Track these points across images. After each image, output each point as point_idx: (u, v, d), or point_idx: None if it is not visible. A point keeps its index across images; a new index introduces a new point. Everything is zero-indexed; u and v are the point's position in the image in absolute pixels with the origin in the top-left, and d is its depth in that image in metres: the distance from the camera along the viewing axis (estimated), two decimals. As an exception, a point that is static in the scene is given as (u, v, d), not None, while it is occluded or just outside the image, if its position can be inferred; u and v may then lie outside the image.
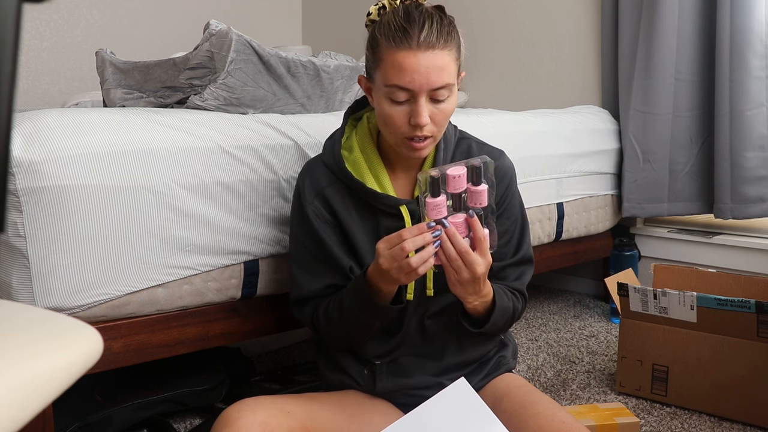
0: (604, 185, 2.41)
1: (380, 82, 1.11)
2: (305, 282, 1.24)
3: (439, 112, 1.11)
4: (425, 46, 1.07)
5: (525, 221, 1.30)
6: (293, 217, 1.28)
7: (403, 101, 1.10)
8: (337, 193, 1.22)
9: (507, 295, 1.21)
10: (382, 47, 1.10)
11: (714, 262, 2.37)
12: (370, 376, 1.23)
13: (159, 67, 1.55)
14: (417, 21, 1.08)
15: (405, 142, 1.13)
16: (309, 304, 1.25)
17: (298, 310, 1.27)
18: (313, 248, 1.23)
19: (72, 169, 1.16)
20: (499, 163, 1.26)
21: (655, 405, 1.70)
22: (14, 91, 0.51)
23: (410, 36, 1.06)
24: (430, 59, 1.07)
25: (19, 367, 0.53)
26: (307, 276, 1.24)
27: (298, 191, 1.26)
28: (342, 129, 1.26)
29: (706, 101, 2.31)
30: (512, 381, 1.25)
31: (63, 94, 3.02)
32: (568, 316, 2.45)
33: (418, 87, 1.08)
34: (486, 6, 3.00)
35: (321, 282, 1.23)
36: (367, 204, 1.22)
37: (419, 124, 1.09)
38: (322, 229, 1.22)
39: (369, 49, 1.15)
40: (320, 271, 1.23)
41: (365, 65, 1.19)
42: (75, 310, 1.20)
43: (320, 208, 1.22)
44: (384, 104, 1.12)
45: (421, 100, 1.09)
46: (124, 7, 3.24)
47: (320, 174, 1.24)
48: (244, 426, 1.01)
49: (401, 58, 1.07)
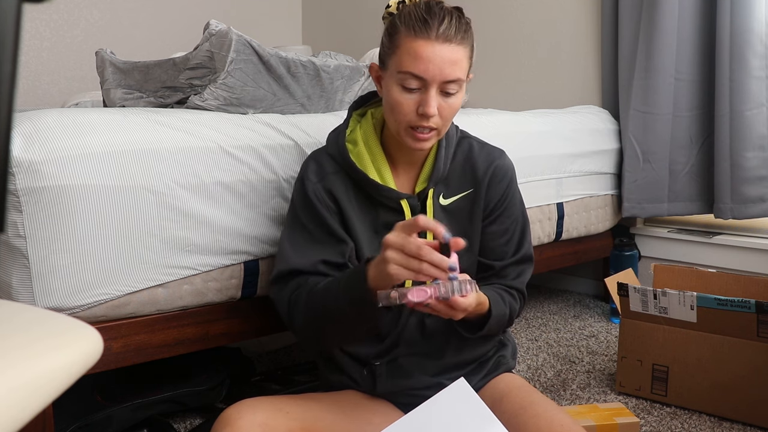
0: (604, 185, 2.41)
1: (394, 68, 1.13)
2: (294, 256, 1.19)
3: (447, 105, 1.13)
4: (443, 38, 1.09)
5: (525, 220, 1.30)
6: (293, 199, 1.26)
7: (414, 89, 1.12)
8: (340, 181, 1.22)
9: (504, 300, 1.21)
10: (401, 34, 1.12)
11: (714, 262, 2.37)
12: (370, 376, 1.23)
13: (159, 67, 1.55)
14: (437, 14, 1.11)
15: (409, 131, 1.14)
16: (294, 280, 1.19)
17: (280, 286, 1.20)
18: (310, 226, 1.21)
19: (72, 169, 1.16)
20: (500, 162, 1.27)
21: (655, 405, 1.70)
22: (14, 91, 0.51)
23: (430, 27, 1.09)
24: (446, 52, 1.10)
25: (19, 367, 0.53)
26: (298, 251, 1.20)
27: (302, 175, 1.25)
28: (346, 122, 1.27)
29: (706, 101, 2.31)
30: (511, 381, 1.25)
31: (63, 94, 3.02)
32: (568, 316, 2.45)
33: (431, 77, 1.10)
34: (486, 6, 3.00)
35: (313, 257, 1.18)
36: (368, 196, 1.22)
37: (427, 114, 1.11)
38: (323, 208, 1.21)
39: (386, 36, 1.17)
40: (314, 249, 1.19)
41: (379, 52, 1.20)
42: (75, 310, 1.20)
43: (323, 191, 1.22)
44: (395, 90, 1.13)
45: (431, 91, 1.11)
46: (124, 7, 3.24)
47: (325, 162, 1.25)
48: (244, 426, 1.01)
49: (418, 46, 1.10)
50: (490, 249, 1.27)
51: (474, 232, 1.25)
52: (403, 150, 1.22)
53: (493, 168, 1.26)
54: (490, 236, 1.26)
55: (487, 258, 1.27)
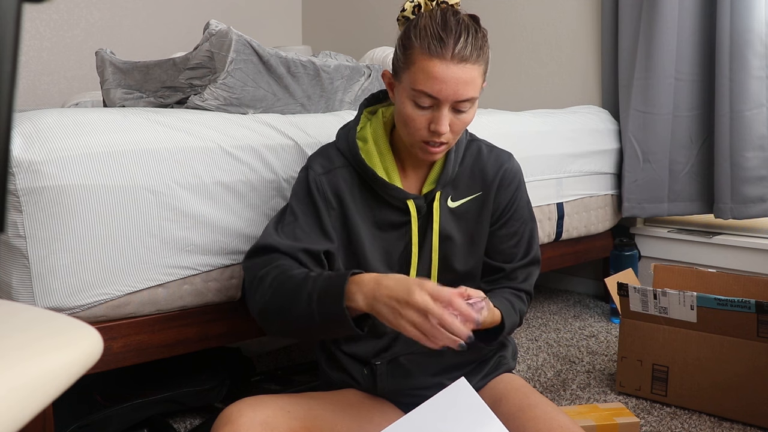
0: (604, 185, 2.41)
1: (407, 84, 1.12)
2: (275, 235, 1.16)
3: (458, 121, 1.13)
4: (458, 58, 1.07)
5: (533, 222, 1.30)
6: (293, 188, 1.24)
7: (427, 107, 1.11)
8: (347, 176, 1.22)
9: (515, 308, 1.20)
10: (416, 51, 1.10)
11: (714, 262, 2.37)
12: (370, 375, 1.23)
13: (159, 67, 1.55)
14: (454, 31, 1.08)
15: (421, 145, 1.15)
16: (266, 256, 1.14)
17: (252, 258, 1.16)
18: (301, 215, 1.18)
19: (72, 169, 1.16)
20: (508, 165, 1.27)
21: (655, 405, 1.70)
22: (14, 91, 0.51)
23: (446, 46, 1.07)
24: (460, 72, 1.08)
25: (19, 367, 0.53)
26: (281, 233, 1.17)
27: (307, 165, 1.24)
28: (357, 119, 1.27)
29: (706, 101, 2.31)
30: (511, 382, 1.25)
31: (63, 94, 3.02)
32: (568, 316, 2.45)
33: (444, 97, 1.09)
34: (486, 6, 3.00)
35: (295, 242, 1.15)
36: (373, 194, 1.22)
37: (438, 132, 1.11)
38: (319, 201, 1.19)
39: (400, 49, 1.14)
40: (298, 235, 1.16)
41: (393, 61, 1.19)
42: (75, 310, 1.20)
43: (324, 184, 1.21)
44: (407, 106, 1.12)
45: (444, 110, 1.10)
46: (124, 7, 3.24)
47: (334, 156, 1.24)
48: (245, 425, 1.01)
49: (433, 66, 1.07)
50: (500, 251, 1.27)
51: (481, 233, 1.25)
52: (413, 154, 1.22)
53: (503, 172, 1.26)
54: (500, 239, 1.26)
55: (496, 260, 1.27)
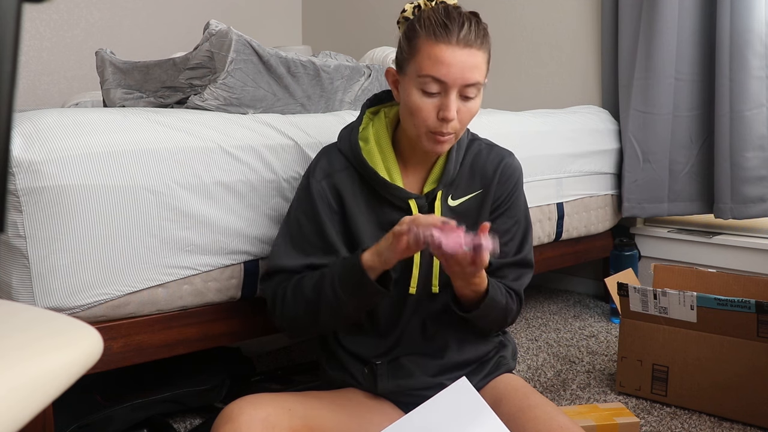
0: (604, 185, 2.41)
1: (413, 73, 1.13)
2: (285, 255, 1.23)
3: (465, 109, 1.14)
4: (463, 43, 1.10)
5: (528, 224, 1.30)
6: (297, 194, 1.28)
7: (434, 93, 1.12)
8: (348, 178, 1.23)
9: (501, 292, 1.21)
10: (421, 39, 1.12)
11: (714, 262, 2.37)
12: (371, 375, 1.23)
13: (159, 67, 1.55)
14: (457, 20, 1.11)
15: (429, 135, 1.15)
16: (279, 276, 1.24)
17: (266, 282, 1.26)
18: (306, 225, 1.23)
19: (72, 169, 1.16)
20: (508, 161, 1.28)
21: (655, 405, 1.70)
22: (14, 91, 0.51)
23: (450, 31, 1.10)
24: (466, 56, 1.10)
25: (19, 367, 0.53)
26: (289, 250, 1.24)
27: (309, 170, 1.27)
28: (360, 120, 1.28)
29: (706, 101, 2.31)
30: (511, 382, 1.25)
31: (63, 94, 3.02)
32: (568, 316, 2.45)
33: (452, 81, 1.10)
34: (486, 6, 3.00)
35: (302, 260, 1.22)
36: (375, 195, 1.22)
37: (447, 118, 1.12)
38: (323, 210, 1.22)
39: (405, 40, 1.17)
40: (306, 250, 1.23)
41: (396, 56, 1.21)
42: (75, 310, 1.20)
43: (326, 190, 1.23)
44: (414, 95, 1.13)
45: (452, 95, 1.11)
46: (124, 7, 3.24)
47: (335, 158, 1.25)
48: (246, 422, 1.02)
49: (439, 50, 1.10)
50: None
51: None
52: (415, 151, 1.23)
53: (502, 166, 1.27)
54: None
55: None
